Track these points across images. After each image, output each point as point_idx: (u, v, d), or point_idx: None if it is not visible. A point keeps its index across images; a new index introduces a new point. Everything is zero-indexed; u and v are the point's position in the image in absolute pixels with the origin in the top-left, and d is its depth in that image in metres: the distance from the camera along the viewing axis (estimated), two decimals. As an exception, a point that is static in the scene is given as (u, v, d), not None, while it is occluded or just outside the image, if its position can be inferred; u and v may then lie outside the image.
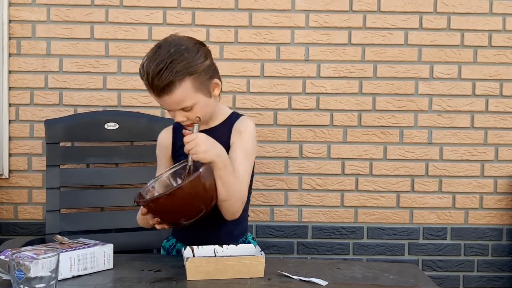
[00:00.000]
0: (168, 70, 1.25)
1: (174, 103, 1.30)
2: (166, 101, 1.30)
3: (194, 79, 1.30)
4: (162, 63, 1.25)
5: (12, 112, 2.11)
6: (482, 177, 2.19)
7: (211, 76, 1.35)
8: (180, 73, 1.26)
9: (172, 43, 1.30)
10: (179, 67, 1.26)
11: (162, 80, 1.25)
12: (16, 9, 2.10)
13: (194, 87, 1.30)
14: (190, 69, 1.28)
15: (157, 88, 1.27)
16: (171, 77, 1.25)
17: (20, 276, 0.96)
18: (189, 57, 1.29)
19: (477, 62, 2.16)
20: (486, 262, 2.19)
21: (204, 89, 1.33)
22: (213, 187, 1.27)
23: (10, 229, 2.13)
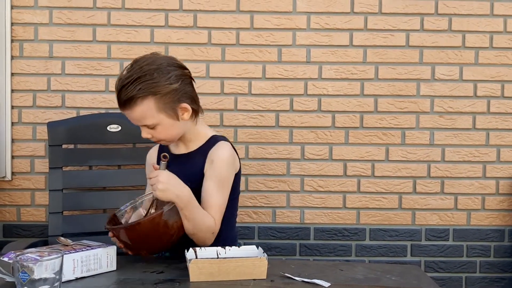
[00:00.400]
0: (133, 85, 1.29)
1: (135, 119, 1.35)
2: (128, 115, 1.35)
3: (158, 99, 1.32)
4: (130, 77, 1.30)
5: (15, 114, 2.12)
6: (484, 178, 2.19)
7: (178, 100, 1.36)
8: (143, 90, 1.30)
9: (147, 60, 1.34)
10: (143, 85, 1.30)
11: (126, 94, 1.30)
12: (18, 11, 2.10)
13: (157, 107, 1.33)
14: (154, 89, 1.31)
15: (120, 101, 1.33)
16: (133, 92, 1.30)
17: (24, 278, 0.97)
18: (157, 77, 1.32)
19: (479, 63, 2.17)
20: (489, 263, 2.19)
21: (169, 111, 1.35)
22: (177, 225, 1.28)
23: (13, 231, 2.13)
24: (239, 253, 1.30)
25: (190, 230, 1.32)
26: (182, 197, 1.28)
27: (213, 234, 1.38)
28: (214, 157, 1.42)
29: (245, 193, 2.15)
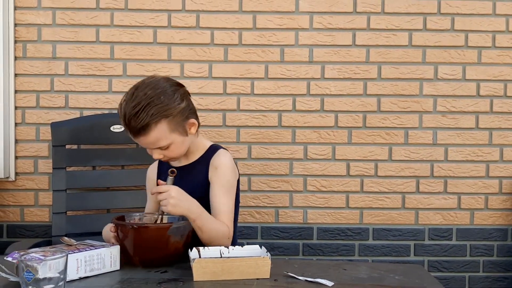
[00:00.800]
0: (145, 112, 1.30)
1: (150, 143, 1.36)
2: (142, 141, 1.36)
3: (170, 121, 1.35)
4: (138, 105, 1.30)
5: (18, 115, 2.13)
6: (487, 178, 2.18)
7: (187, 117, 1.40)
8: (156, 115, 1.31)
9: (149, 86, 1.35)
10: (154, 110, 1.31)
11: (139, 122, 1.30)
12: (21, 12, 2.11)
13: (170, 128, 1.35)
14: (166, 112, 1.33)
15: (133, 129, 1.32)
16: (147, 119, 1.30)
17: (28, 277, 0.97)
18: (165, 100, 1.34)
19: (481, 62, 2.16)
20: (492, 263, 2.19)
21: (180, 129, 1.38)
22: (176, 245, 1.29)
23: (17, 231, 2.14)
24: (242, 253, 1.30)
25: (206, 240, 1.36)
26: (193, 210, 1.32)
27: (228, 239, 1.40)
28: (217, 164, 1.45)
29: (248, 193, 2.16)
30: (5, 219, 2.14)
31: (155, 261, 1.29)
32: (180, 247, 1.31)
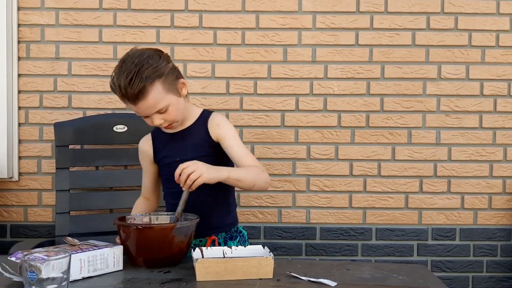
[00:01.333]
0: (138, 77, 1.34)
1: (150, 107, 1.39)
2: (142, 106, 1.38)
3: (163, 81, 1.39)
4: (130, 73, 1.34)
5: (22, 115, 2.13)
6: (491, 178, 2.18)
7: (177, 76, 1.45)
8: (150, 77, 1.35)
9: (134, 55, 1.39)
10: (147, 73, 1.35)
11: (134, 87, 1.34)
12: (25, 13, 2.12)
13: (165, 88, 1.39)
14: (158, 72, 1.37)
15: (131, 96, 1.36)
16: (142, 83, 1.34)
17: (32, 277, 0.97)
18: (153, 63, 1.38)
19: (485, 62, 2.16)
20: (495, 263, 2.18)
21: (173, 90, 1.42)
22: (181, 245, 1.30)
23: (20, 231, 2.15)
24: (245, 253, 1.31)
25: (249, 186, 1.44)
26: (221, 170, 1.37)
27: (263, 171, 1.46)
28: (218, 122, 1.50)
29: (250, 193, 2.16)
30: (8, 219, 2.15)
31: (158, 261, 1.29)
32: (184, 247, 1.31)
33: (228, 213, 1.58)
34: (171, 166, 1.44)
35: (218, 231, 1.54)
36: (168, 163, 1.51)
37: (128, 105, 1.41)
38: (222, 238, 1.56)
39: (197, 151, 1.46)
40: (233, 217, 1.60)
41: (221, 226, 1.55)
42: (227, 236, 1.57)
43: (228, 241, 1.56)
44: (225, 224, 1.56)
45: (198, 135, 1.49)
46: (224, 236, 1.56)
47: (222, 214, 1.56)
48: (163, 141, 1.53)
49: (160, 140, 1.54)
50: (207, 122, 1.50)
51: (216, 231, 1.53)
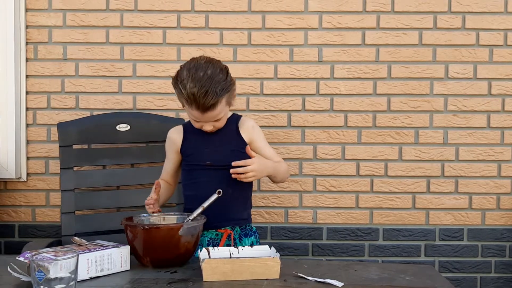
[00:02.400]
0: (213, 91, 1.45)
1: (213, 117, 1.51)
2: (207, 116, 1.50)
3: (228, 96, 1.52)
4: (205, 85, 1.45)
5: (30, 116, 2.15)
6: (499, 178, 2.16)
7: (234, 89, 1.57)
8: (221, 92, 1.48)
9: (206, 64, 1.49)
10: (219, 87, 1.47)
11: (209, 100, 1.45)
12: (33, 14, 2.13)
13: (226, 101, 1.53)
14: (227, 88, 1.50)
15: (203, 107, 1.47)
16: (216, 97, 1.46)
17: (40, 277, 0.98)
18: (223, 77, 1.49)
19: (493, 61, 2.14)
20: (504, 263, 2.17)
21: (230, 102, 1.56)
22: (187, 245, 1.31)
23: (28, 231, 2.16)
24: (252, 253, 1.31)
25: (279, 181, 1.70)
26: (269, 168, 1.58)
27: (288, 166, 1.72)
28: (252, 125, 1.65)
29: (257, 193, 2.16)
30: (17, 219, 2.16)
31: (165, 261, 1.30)
32: (190, 247, 1.32)
33: (245, 209, 1.65)
34: (199, 156, 1.57)
35: (233, 224, 1.60)
36: (197, 153, 1.58)
37: (191, 110, 1.49)
38: (237, 234, 1.60)
39: (231, 144, 1.58)
40: (248, 214, 1.67)
41: (237, 219, 1.61)
42: (242, 233, 1.62)
43: (243, 238, 1.61)
44: (241, 218, 1.62)
45: (230, 132, 1.60)
46: (240, 232, 1.61)
47: (239, 208, 1.62)
48: (195, 134, 1.60)
49: (192, 133, 1.61)
50: (238, 123, 1.63)
51: (232, 223, 1.59)
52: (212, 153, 1.58)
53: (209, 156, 1.58)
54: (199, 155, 1.59)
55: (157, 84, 2.15)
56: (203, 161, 1.58)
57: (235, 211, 1.60)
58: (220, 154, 1.57)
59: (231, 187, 1.54)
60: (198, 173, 1.59)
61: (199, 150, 1.59)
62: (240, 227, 1.62)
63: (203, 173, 1.58)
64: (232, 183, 1.54)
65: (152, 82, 2.15)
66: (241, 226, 1.62)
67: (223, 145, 1.58)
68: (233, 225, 1.60)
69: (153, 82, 2.15)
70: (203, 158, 1.58)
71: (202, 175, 1.58)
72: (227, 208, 1.56)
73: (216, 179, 1.54)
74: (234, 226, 1.60)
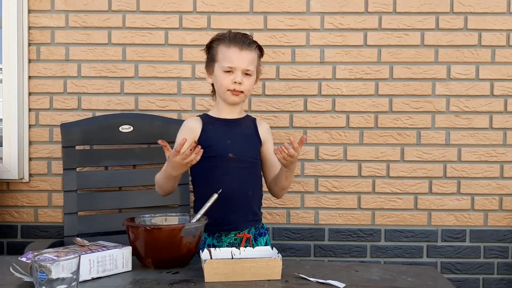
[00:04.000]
0: (252, 38, 1.62)
1: (247, 60, 1.58)
2: (244, 56, 1.57)
3: (258, 58, 1.63)
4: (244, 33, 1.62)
5: (32, 117, 2.15)
6: (502, 178, 2.16)
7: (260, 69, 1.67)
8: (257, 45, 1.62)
9: None
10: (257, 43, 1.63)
11: (248, 39, 1.60)
12: (35, 15, 2.14)
13: (257, 63, 1.63)
14: (262, 50, 1.64)
15: (244, 42, 1.58)
16: (254, 42, 1.61)
17: (42, 277, 0.98)
18: None
19: (495, 62, 2.14)
20: (506, 265, 2.16)
21: (257, 71, 1.64)
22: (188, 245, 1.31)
23: (31, 232, 2.17)
24: (253, 254, 1.31)
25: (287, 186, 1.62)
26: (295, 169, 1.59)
27: None
28: (268, 128, 1.72)
29: (259, 194, 2.15)
30: (19, 219, 2.17)
31: (167, 262, 1.30)
32: (192, 248, 1.32)
33: (259, 207, 1.67)
34: (221, 147, 1.58)
35: (253, 224, 1.62)
36: (219, 144, 1.58)
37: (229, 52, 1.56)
38: (252, 235, 1.61)
39: (249, 139, 1.63)
40: (261, 213, 1.69)
41: (254, 219, 1.63)
42: (256, 233, 1.63)
43: (258, 237, 1.63)
44: (257, 218, 1.65)
45: (249, 128, 1.66)
46: (254, 233, 1.63)
47: (255, 208, 1.64)
48: (215, 125, 1.63)
49: (211, 124, 1.63)
50: (256, 123, 1.69)
51: (250, 224, 1.61)
52: (234, 146, 1.58)
53: (232, 148, 1.57)
54: (221, 146, 1.57)
55: (159, 85, 2.15)
56: (225, 152, 1.57)
57: (254, 211, 1.64)
58: (242, 148, 1.59)
59: (251, 189, 1.60)
60: (219, 166, 1.56)
61: (221, 141, 1.58)
62: (255, 227, 1.63)
63: (224, 166, 1.57)
64: (253, 185, 1.59)
65: (154, 83, 2.15)
66: (255, 226, 1.64)
67: (245, 139, 1.62)
68: (251, 226, 1.62)
69: (155, 83, 2.15)
70: (226, 149, 1.57)
71: (222, 168, 1.56)
72: (248, 207, 1.60)
73: (237, 172, 1.56)
74: (251, 228, 1.61)
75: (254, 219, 1.64)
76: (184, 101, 2.15)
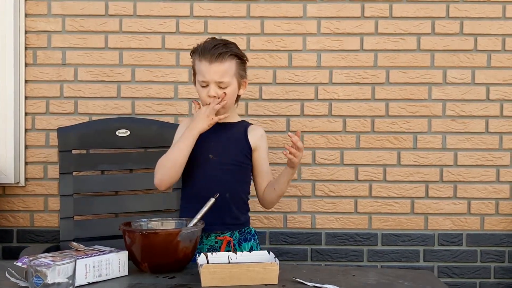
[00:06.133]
0: (226, 46, 1.57)
1: (219, 72, 1.54)
2: (214, 68, 1.53)
3: (237, 64, 1.58)
4: (218, 41, 1.59)
5: (28, 121, 2.15)
6: (498, 183, 2.16)
7: (245, 74, 1.62)
8: (231, 51, 1.56)
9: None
10: (232, 48, 1.58)
11: (219, 49, 1.54)
12: (32, 20, 2.13)
13: (235, 70, 1.57)
14: (238, 54, 1.58)
15: (214, 54, 1.53)
16: (225, 49, 1.55)
17: (38, 282, 0.98)
18: (237, 47, 1.60)
19: (491, 66, 2.15)
20: (503, 269, 2.17)
21: (238, 79, 1.59)
22: (185, 250, 1.30)
23: (27, 236, 2.16)
24: (250, 258, 1.30)
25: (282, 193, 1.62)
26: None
27: None
28: (262, 134, 1.67)
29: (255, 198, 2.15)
30: (15, 224, 2.16)
31: (164, 266, 1.29)
32: (189, 253, 1.31)
33: (243, 212, 1.64)
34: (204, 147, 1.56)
35: (232, 228, 1.58)
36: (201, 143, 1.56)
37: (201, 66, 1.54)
38: (236, 240, 1.59)
39: (235, 143, 1.61)
40: (245, 218, 1.66)
41: (236, 224, 1.60)
42: (241, 238, 1.60)
43: (242, 243, 1.60)
44: (239, 222, 1.61)
45: (239, 134, 1.63)
46: (238, 237, 1.60)
47: (237, 212, 1.61)
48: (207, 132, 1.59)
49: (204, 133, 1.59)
50: (247, 129, 1.64)
51: (230, 228, 1.58)
52: (216, 147, 1.58)
53: (213, 150, 1.58)
54: (203, 147, 1.57)
55: (156, 89, 2.15)
56: (206, 153, 1.57)
57: (234, 215, 1.59)
58: (224, 151, 1.58)
59: (228, 191, 1.55)
60: (199, 166, 1.57)
61: (205, 142, 1.57)
62: (239, 232, 1.61)
63: (204, 166, 1.57)
64: (230, 187, 1.55)
65: (151, 87, 2.15)
66: (240, 231, 1.61)
67: (230, 144, 1.60)
68: (231, 230, 1.59)
69: (152, 87, 2.15)
70: (207, 150, 1.57)
71: (202, 168, 1.57)
72: (226, 212, 1.56)
73: (217, 174, 1.55)
74: (234, 232, 1.59)
75: (235, 223, 1.60)
76: (181, 105, 2.15)
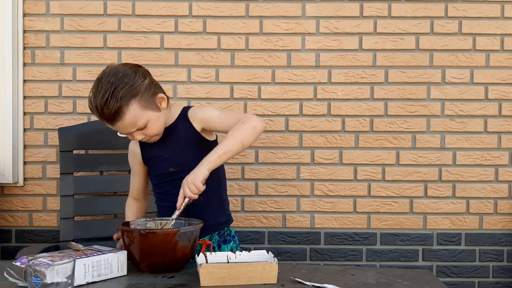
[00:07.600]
0: (113, 98, 1.37)
1: (129, 126, 1.42)
2: (120, 126, 1.42)
3: (139, 99, 1.41)
4: (106, 93, 1.37)
5: (27, 121, 2.14)
6: (496, 182, 2.17)
7: (154, 92, 1.46)
8: (125, 97, 1.38)
9: (110, 73, 1.41)
10: (122, 93, 1.38)
11: (110, 108, 1.37)
12: (30, 19, 2.13)
13: (142, 106, 1.42)
14: (133, 92, 1.40)
15: (108, 117, 1.39)
16: (117, 103, 1.37)
17: (36, 282, 0.98)
18: (129, 82, 1.40)
19: (490, 66, 2.15)
20: (502, 268, 2.17)
21: (152, 106, 1.45)
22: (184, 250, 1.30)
23: (25, 236, 2.15)
24: (249, 258, 1.31)
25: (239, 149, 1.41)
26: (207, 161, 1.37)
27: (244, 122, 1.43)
28: (195, 111, 1.52)
29: (255, 198, 2.15)
30: (13, 224, 2.15)
31: (162, 266, 1.29)
32: (187, 252, 1.31)
33: (222, 211, 1.60)
34: (161, 164, 1.50)
35: (212, 231, 1.55)
36: (158, 161, 1.54)
37: (106, 125, 1.44)
38: (216, 242, 1.57)
39: (185, 145, 1.50)
40: (227, 216, 1.62)
41: (215, 225, 1.56)
42: (221, 240, 1.58)
43: (221, 245, 1.58)
44: (219, 223, 1.58)
45: (183, 130, 1.51)
46: (218, 240, 1.58)
47: (215, 213, 1.57)
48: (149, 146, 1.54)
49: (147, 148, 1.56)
50: (188, 117, 1.52)
51: (210, 231, 1.54)
52: (172, 159, 1.50)
53: (170, 162, 1.51)
54: (162, 163, 1.51)
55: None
56: (166, 168, 1.51)
57: (212, 218, 1.53)
58: (182, 157, 1.49)
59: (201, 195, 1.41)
60: (165, 182, 1.53)
61: (160, 158, 1.52)
62: (219, 234, 1.58)
63: (170, 180, 1.50)
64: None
65: (149, 86, 2.15)
66: (219, 233, 1.58)
67: (184, 146, 1.51)
68: (212, 232, 1.55)
69: (151, 87, 2.15)
70: (166, 165, 1.51)
71: (169, 182, 1.51)
72: (203, 217, 1.43)
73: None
74: (213, 234, 1.56)
75: (215, 224, 1.56)
76: (180, 105, 2.14)
